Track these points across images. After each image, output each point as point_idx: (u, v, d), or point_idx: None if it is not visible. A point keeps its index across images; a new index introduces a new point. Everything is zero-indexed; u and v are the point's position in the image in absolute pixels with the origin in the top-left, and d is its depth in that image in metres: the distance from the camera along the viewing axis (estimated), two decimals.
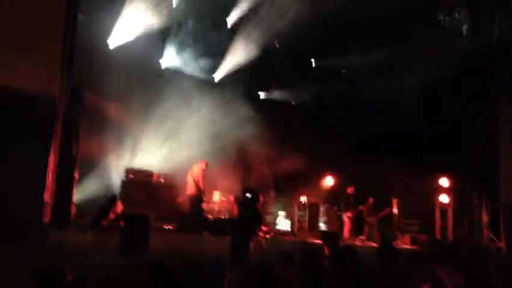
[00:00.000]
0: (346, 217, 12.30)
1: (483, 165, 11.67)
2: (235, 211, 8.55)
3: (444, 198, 12.81)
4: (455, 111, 12.25)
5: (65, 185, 8.34)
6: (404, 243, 11.69)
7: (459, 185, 12.63)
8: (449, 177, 12.80)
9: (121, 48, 12.25)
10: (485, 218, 12.01)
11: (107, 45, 12.27)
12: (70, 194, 8.65)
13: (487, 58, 11.74)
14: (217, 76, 14.50)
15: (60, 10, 7.94)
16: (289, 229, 12.56)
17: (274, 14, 12.46)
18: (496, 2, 10.99)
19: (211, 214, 11.73)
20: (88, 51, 10.31)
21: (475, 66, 11.76)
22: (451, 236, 12.43)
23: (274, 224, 12.67)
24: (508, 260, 8.31)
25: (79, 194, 10.11)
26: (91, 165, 11.07)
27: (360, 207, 12.45)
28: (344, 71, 14.48)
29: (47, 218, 7.63)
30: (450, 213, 12.62)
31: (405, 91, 12.57)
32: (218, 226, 9.99)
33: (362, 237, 12.29)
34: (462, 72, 11.85)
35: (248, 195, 7.29)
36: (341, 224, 12.34)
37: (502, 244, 11.56)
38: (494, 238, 11.81)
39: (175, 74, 13.73)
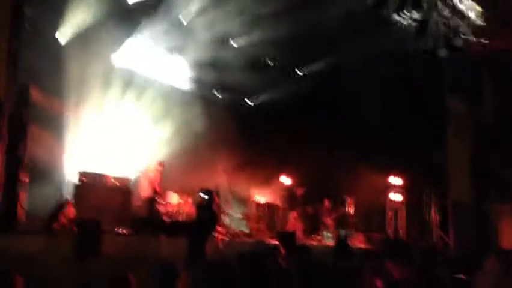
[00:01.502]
0: (292, 217, 12.45)
1: (434, 163, 12.07)
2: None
3: (396, 197, 13.16)
4: (406, 110, 12.60)
5: (10, 188, 7.99)
6: (359, 242, 11.91)
7: (411, 184, 13.01)
8: (402, 175, 13.16)
9: (73, 44, 11.80)
10: (435, 216, 12.42)
11: (57, 40, 11.80)
12: (16, 197, 8.27)
13: (436, 57, 12.18)
14: (174, 75, 14.31)
15: (5, 6, 7.64)
16: (247, 230, 12.52)
17: (231, 13, 12.43)
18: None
19: (169, 216, 11.53)
20: (37, 47, 9.88)
21: (425, 66, 12.15)
22: (403, 234, 12.78)
23: (232, 225, 12.59)
24: (455, 258, 8.60)
25: (30, 198, 9.68)
26: (42, 168, 10.61)
27: (308, 208, 12.63)
28: (299, 72, 14.61)
29: None
30: (403, 212, 12.98)
31: (357, 90, 12.82)
32: (175, 228, 9.82)
33: (318, 236, 12.44)
34: (413, 71, 12.21)
35: (203, 195, 7.20)
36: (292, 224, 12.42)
37: (450, 241, 11.98)
38: (444, 236, 12.23)
39: (131, 72, 13.42)
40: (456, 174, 12.07)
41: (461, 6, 11.02)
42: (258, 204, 13.27)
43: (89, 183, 10.92)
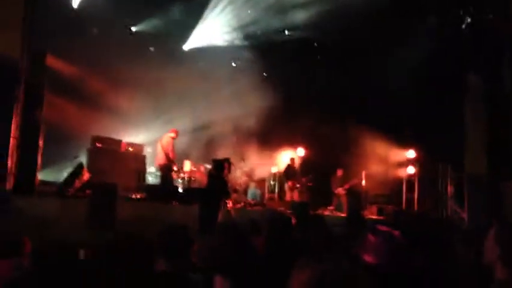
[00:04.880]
0: (287, 187, 12.49)
1: (449, 137, 11.90)
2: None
3: (410, 170, 13.08)
4: (422, 83, 12.39)
5: (28, 152, 8.08)
6: (371, 214, 11.93)
7: (425, 157, 12.89)
8: (416, 149, 13.05)
9: (86, 8, 11.73)
10: (450, 189, 12.33)
11: (71, 4, 11.73)
12: (34, 161, 8.37)
13: (458, 37, 11.93)
14: (189, 44, 14.21)
15: None
16: (259, 199, 12.61)
17: None
18: None
19: (182, 184, 11.65)
20: (51, 11, 9.85)
21: (447, 44, 11.91)
22: (416, 207, 12.75)
23: (245, 194, 12.69)
24: (469, 231, 8.56)
25: (44, 162, 9.82)
26: (56, 132, 10.71)
27: (303, 179, 12.63)
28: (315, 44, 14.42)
29: (10, 185, 7.41)
30: (416, 185, 12.91)
31: (375, 60, 12.63)
32: (187, 196, 9.91)
33: (331, 207, 12.48)
34: (434, 49, 11.97)
35: (214, 165, 7.26)
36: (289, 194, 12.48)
37: (464, 215, 11.91)
38: (458, 209, 12.16)
39: (145, 37, 13.33)
40: (472, 148, 11.88)
41: None
42: (271, 174, 13.32)
43: (104, 148, 11.04)
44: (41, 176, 9.63)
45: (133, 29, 13.32)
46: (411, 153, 13.26)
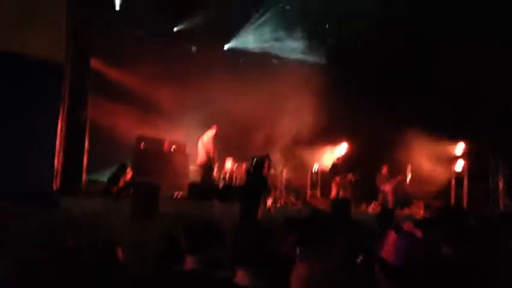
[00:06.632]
0: (334, 184, 12.31)
1: (500, 130, 11.33)
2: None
3: (460, 164, 12.55)
4: (473, 73, 11.84)
5: (74, 152, 8.38)
6: (418, 209, 11.56)
7: (476, 151, 12.34)
8: (466, 142, 12.52)
9: (128, 9, 12.01)
10: (501, 184, 11.74)
11: (115, 8, 12.02)
12: (80, 161, 8.67)
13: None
14: (228, 44, 14.32)
15: None
16: (301, 197, 12.48)
17: None
18: None
19: (223, 181, 11.70)
20: (96, 15, 10.13)
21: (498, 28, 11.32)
22: (466, 203, 12.22)
23: (286, 191, 12.57)
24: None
25: (90, 161, 10.15)
26: (102, 133, 11.05)
27: (348, 175, 12.40)
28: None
29: (56, 184, 7.69)
30: (466, 180, 12.36)
31: (421, 52, 12.21)
32: (228, 193, 9.96)
33: (376, 202, 12.20)
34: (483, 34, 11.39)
35: (254, 162, 7.19)
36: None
37: None
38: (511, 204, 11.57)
39: (186, 38, 13.49)
40: None
41: None
42: (313, 172, 13.13)
43: (147, 148, 11.29)
44: (91, 176, 9.96)
45: (175, 28, 13.51)
46: (460, 147, 12.73)
